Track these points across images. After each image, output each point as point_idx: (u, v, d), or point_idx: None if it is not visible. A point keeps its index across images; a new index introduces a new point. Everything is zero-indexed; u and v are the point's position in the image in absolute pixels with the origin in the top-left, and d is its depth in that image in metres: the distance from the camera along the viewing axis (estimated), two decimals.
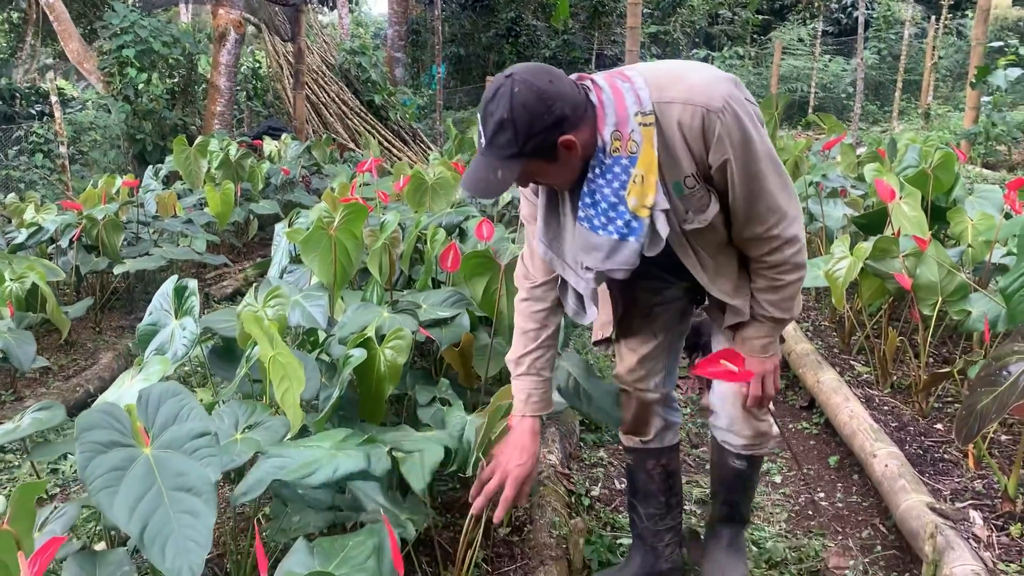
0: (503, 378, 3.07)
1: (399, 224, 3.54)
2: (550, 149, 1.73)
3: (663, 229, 1.81)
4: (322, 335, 2.90)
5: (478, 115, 1.75)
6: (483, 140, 1.72)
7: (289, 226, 3.66)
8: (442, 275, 3.41)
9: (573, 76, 1.83)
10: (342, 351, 2.52)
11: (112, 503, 1.55)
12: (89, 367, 4.48)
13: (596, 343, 2.35)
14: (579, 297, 2.03)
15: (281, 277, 3.53)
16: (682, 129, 1.75)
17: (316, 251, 3.08)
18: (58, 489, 3.29)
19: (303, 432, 2.23)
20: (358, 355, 2.28)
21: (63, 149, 8.63)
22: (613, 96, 1.77)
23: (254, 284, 5.37)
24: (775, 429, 2.25)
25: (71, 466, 3.47)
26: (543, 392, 2.13)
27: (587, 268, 1.92)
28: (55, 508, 1.91)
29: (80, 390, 4.07)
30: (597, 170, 1.80)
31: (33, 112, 11.55)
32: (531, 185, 1.97)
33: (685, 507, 2.76)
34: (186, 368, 4.03)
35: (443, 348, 2.67)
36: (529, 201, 2.05)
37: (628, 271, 1.89)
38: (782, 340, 2.09)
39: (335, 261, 3.07)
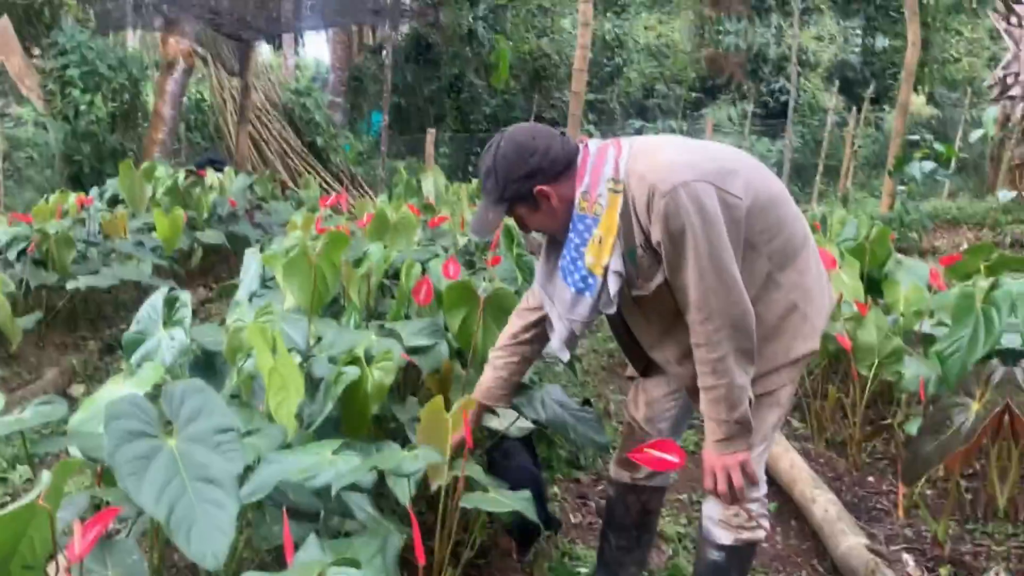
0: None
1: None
2: (528, 196, 1.98)
3: (613, 288, 1.96)
4: (298, 357, 2.97)
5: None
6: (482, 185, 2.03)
7: (261, 251, 3.73)
8: (408, 309, 3.52)
9: (592, 140, 2.06)
10: (328, 370, 2.60)
11: (140, 489, 1.62)
12: (33, 381, 4.42)
13: (629, 377, 2.48)
14: (558, 336, 2.18)
15: (251, 301, 3.58)
16: (635, 202, 1.90)
17: (296, 276, 3.17)
18: (8, 498, 3.25)
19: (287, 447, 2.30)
20: (351, 373, 2.38)
21: None
22: (595, 160, 1.96)
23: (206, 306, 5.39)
24: (759, 532, 2.15)
25: (20, 476, 3.43)
26: (492, 387, 2.35)
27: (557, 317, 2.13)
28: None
29: (24, 403, 4.00)
30: (571, 224, 2.00)
31: None
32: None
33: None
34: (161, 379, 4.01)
35: (425, 374, 2.78)
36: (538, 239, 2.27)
37: (584, 325, 2.10)
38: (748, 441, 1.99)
39: (314, 286, 3.16)
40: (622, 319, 2.19)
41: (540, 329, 2.28)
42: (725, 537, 2.15)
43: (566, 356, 2.23)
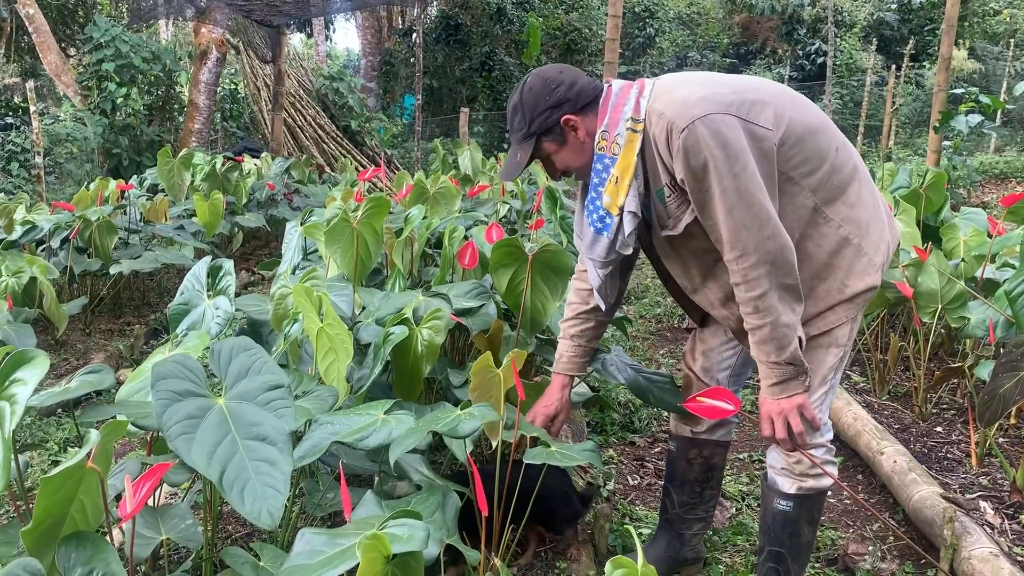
0: (527, 367, 3.12)
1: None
2: (555, 128, 1.94)
3: (628, 228, 1.93)
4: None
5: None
6: (509, 130, 1.97)
7: (302, 223, 3.69)
8: (452, 276, 3.46)
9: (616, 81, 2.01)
10: (375, 333, 2.55)
11: (190, 449, 1.57)
12: (80, 367, 4.43)
13: (686, 329, 2.44)
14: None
15: (293, 273, 3.54)
16: (655, 140, 1.85)
17: (339, 243, 3.11)
18: None
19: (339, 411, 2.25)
20: (399, 332, 2.31)
21: (39, 159, 8.53)
22: (616, 100, 1.92)
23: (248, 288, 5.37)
24: (824, 480, 2.06)
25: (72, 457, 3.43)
26: (573, 356, 2.30)
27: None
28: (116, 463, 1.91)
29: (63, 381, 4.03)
30: (591, 164, 1.99)
31: (3, 123, 11.41)
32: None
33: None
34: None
35: (474, 334, 2.71)
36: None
37: (603, 263, 2.07)
38: (804, 383, 1.90)
39: (356, 253, 3.11)
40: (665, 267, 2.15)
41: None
42: (790, 486, 2.08)
43: (601, 303, 2.22)
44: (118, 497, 1.88)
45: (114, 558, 1.46)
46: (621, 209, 1.92)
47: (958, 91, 12.61)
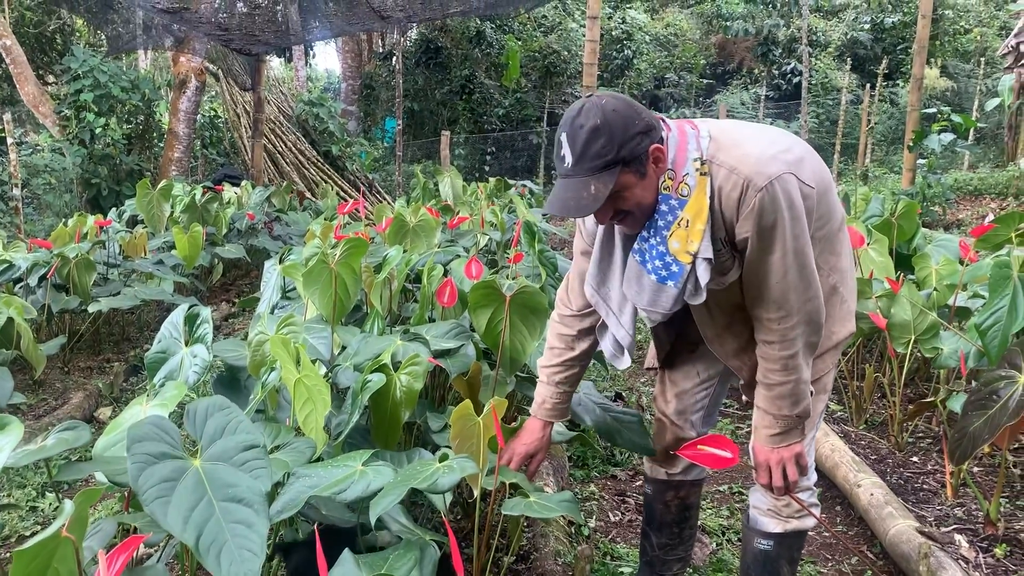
0: (507, 408, 3.13)
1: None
2: (642, 158, 1.72)
3: (703, 278, 1.79)
4: (322, 368, 2.93)
5: (560, 137, 1.73)
6: (570, 158, 1.70)
7: (280, 262, 3.69)
8: (432, 313, 3.47)
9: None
10: (352, 378, 2.56)
11: (166, 512, 1.57)
12: (60, 406, 4.40)
13: (648, 369, 2.40)
14: (618, 343, 2.08)
15: (272, 312, 3.55)
16: (720, 195, 1.75)
17: (317, 284, 3.12)
18: (39, 527, 3.23)
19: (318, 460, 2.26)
20: (376, 380, 2.32)
21: (17, 191, 8.49)
22: (678, 137, 1.79)
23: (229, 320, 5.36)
24: (808, 521, 2.10)
25: (50, 503, 3.41)
26: (556, 403, 2.22)
27: (627, 300, 1.97)
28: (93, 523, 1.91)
29: (51, 429, 3.99)
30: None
31: None
32: (588, 225, 2.05)
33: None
34: (186, 398, 4.00)
35: (452, 377, 2.73)
36: (584, 238, 2.10)
37: (665, 316, 1.90)
38: (803, 432, 1.95)
39: (335, 294, 3.12)
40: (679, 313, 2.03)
41: (584, 344, 2.20)
42: (774, 526, 2.10)
43: (625, 364, 2.10)
44: (94, 560, 1.88)
45: None
46: (694, 256, 1.78)
47: (931, 110, 12.79)
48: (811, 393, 1.92)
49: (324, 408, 2.19)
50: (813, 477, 2.10)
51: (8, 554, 2.40)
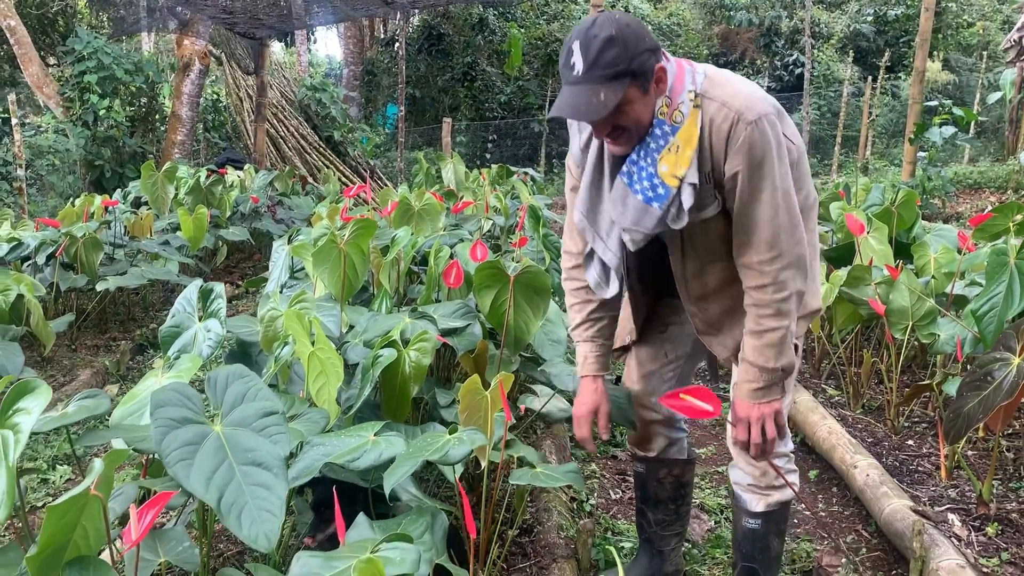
0: (513, 386, 3.19)
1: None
2: (648, 75, 1.77)
3: (687, 202, 1.83)
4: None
5: (572, 46, 1.75)
6: (581, 65, 1.73)
7: (289, 242, 3.75)
8: (438, 294, 3.53)
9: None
10: (363, 355, 2.62)
11: (189, 474, 1.63)
12: (68, 383, 4.46)
13: (615, 350, 2.38)
14: (604, 268, 2.09)
15: (281, 292, 3.60)
16: (711, 127, 1.80)
17: (326, 264, 3.17)
18: (50, 498, 3.29)
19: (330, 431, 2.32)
20: (388, 355, 2.38)
21: (21, 172, 8.54)
22: (676, 68, 1.84)
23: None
24: (788, 492, 2.14)
25: (60, 475, 3.47)
26: (597, 355, 2.20)
27: (614, 224, 1.98)
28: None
29: (61, 404, 4.06)
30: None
31: None
32: (578, 154, 2.06)
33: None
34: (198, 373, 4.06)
35: (460, 354, 2.79)
36: (573, 174, 2.12)
37: (646, 237, 1.93)
38: (783, 389, 1.99)
39: (343, 274, 3.17)
40: (654, 253, 2.06)
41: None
42: (757, 503, 2.15)
43: (611, 291, 2.11)
44: (117, 521, 1.94)
45: None
46: (680, 180, 1.82)
47: (932, 103, 12.83)
48: (797, 347, 1.95)
49: (337, 380, 2.26)
50: (789, 444, 2.15)
51: (19, 525, 2.46)
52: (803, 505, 3.14)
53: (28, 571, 1.50)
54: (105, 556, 1.96)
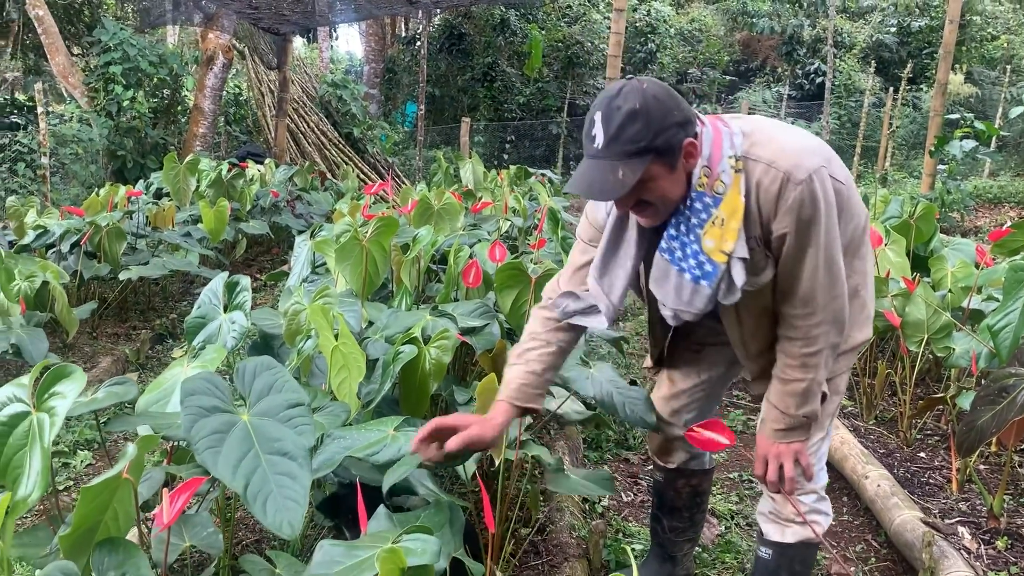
0: None
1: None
2: (675, 151, 1.68)
3: (739, 278, 1.74)
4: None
5: (595, 116, 1.67)
6: (601, 139, 1.65)
7: (312, 237, 3.80)
8: (457, 293, 3.57)
9: None
10: (384, 350, 2.66)
11: (216, 462, 1.68)
12: (89, 370, 4.52)
13: (648, 368, 2.40)
14: (597, 316, 2.00)
15: (303, 286, 3.65)
16: (758, 190, 1.71)
17: (349, 260, 3.22)
18: (71, 483, 3.35)
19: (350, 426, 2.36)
20: (408, 351, 2.42)
21: (45, 160, 8.64)
22: (712, 133, 1.74)
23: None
24: (809, 531, 2.03)
25: (81, 460, 3.53)
26: (525, 384, 2.02)
27: (662, 304, 1.91)
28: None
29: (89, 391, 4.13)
30: (687, 202, 1.76)
31: (7, 123, 11.51)
32: (599, 214, 1.99)
33: None
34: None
35: (479, 353, 2.82)
36: (590, 223, 2.05)
37: (696, 316, 1.86)
38: (807, 431, 1.94)
39: (365, 270, 3.22)
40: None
41: (567, 334, 2.08)
42: (773, 532, 2.08)
43: (603, 324, 2.00)
44: (145, 504, 1.99)
45: (144, 563, 1.56)
46: (729, 255, 1.72)
47: (954, 116, 12.77)
48: (824, 395, 1.91)
49: (359, 375, 2.30)
50: (822, 481, 2.07)
51: (43, 504, 2.51)
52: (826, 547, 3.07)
53: (60, 549, 1.55)
54: (133, 537, 2.01)
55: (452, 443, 1.89)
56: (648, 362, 2.34)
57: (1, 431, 1.70)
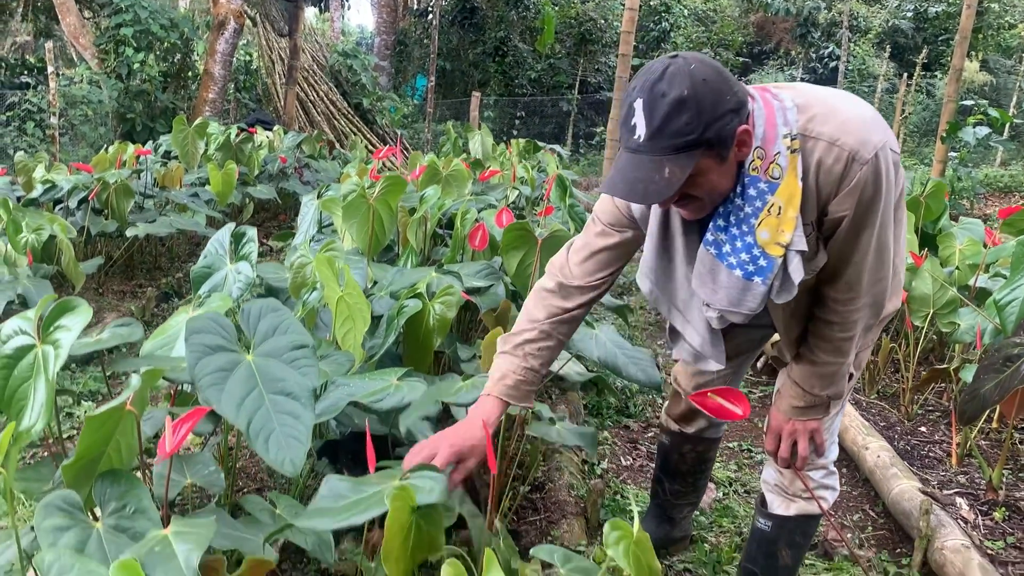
0: None
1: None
2: (728, 141, 1.47)
3: (796, 274, 1.56)
4: None
5: (634, 102, 1.46)
6: (643, 131, 1.44)
7: (319, 197, 3.80)
8: (462, 256, 3.57)
9: None
10: (387, 306, 2.67)
11: (220, 399, 1.68)
12: (94, 325, 4.54)
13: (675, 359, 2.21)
14: (694, 351, 1.85)
15: (309, 246, 3.65)
16: (818, 171, 1.53)
17: (355, 218, 3.23)
18: (75, 431, 3.37)
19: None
20: (413, 305, 2.43)
21: (55, 120, 8.64)
22: (765, 110, 1.53)
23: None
24: (814, 506, 1.97)
25: (85, 410, 3.55)
26: (520, 379, 1.84)
27: (706, 305, 1.71)
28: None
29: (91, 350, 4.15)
30: (738, 188, 1.56)
31: (17, 83, 11.50)
32: (639, 212, 1.79)
33: None
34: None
35: (483, 312, 2.83)
36: (615, 205, 1.83)
37: (746, 318, 1.65)
38: (827, 410, 1.84)
39: (371, 229, 3.22)
40: None
41: (574, 323, 1.91)
42: (776, 505, 2.02)
43: (715, 363, 1.84)
44: (148, 442, 2.00)
45: (146, 495, 1.57)
46: (786, 247, 1.54)
47: (968, 103, 12.68)
48: (852, 376, 1.83)
49: (364, 325, 2.30)
50: (833, 454, 1.99)
51: (46, 454, 2.53)
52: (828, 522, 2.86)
53: (63, 479, 1.56)
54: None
55: (455, 478, 1.70)
56: (677, 353, 2.03)
57: (6, 363, 1.71)
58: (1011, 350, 2.35)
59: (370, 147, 12.65)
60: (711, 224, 1.62)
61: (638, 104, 1.44)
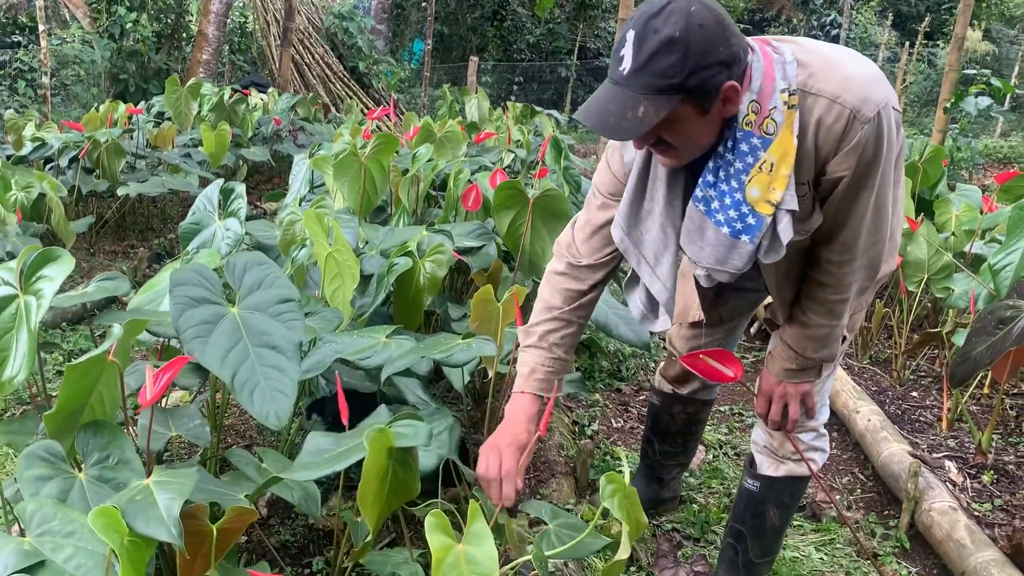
0: (525, 306, 3.23)
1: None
2: (711, 94, 1.42)
3: (785, 234, 1.51)
4: None
5: (628, 33, 1.40)
6: (629, 64, 1.39)
7: (310, 156, 3.76)
8: (455, 217, 3.54)
9: None
10: (377, 265, 2.65)
11: (204, 351, 1.67)
12: (85, 285, 4.52)
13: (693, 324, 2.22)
14: (650, 300, 1.81)
15: (300, 205, 3.62)
16: (818, 129, 1.48)
17: (347, 176, 3.19)
18: None
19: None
20: (403, 263, 2.41)
21: (46, 79, 8.53)
22: (763, 62, 1.48)
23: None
24: (803, 468, 1.97)
25: None
26: (550, 371, 1.83)
27: (694, 262, 1.67)
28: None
29: (76, 304, 4.12)
30: (729, 143, 1.51)
31: (8, 42, 11.36)
32: (624, 158, 1.75)
33: None
34: None
35: (473, 272, 2.81)
36: (612, 173, 1.80)
37: (733, 276, 1.61)
38: (819, 372, 1.83)
39: (363, 187, 3.19)
40: None
41: (591, 302, 1.88)
42: (766, 466, 2.01)
43: (661, 326, 1.82)
44: (131, 396, 1.99)
45: (129, 445, 1.56)
46: (776, 206, 1.49)
47: (970, 72, 12.58)
48: (845, 338, 1.82)
49: (353, 282, 2.28)
50: (823, 416, 1.97)
51: (33, 407, 2.52)
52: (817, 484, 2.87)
53: (46, 429, 1.55)
54: None
55: (509, 492, 1.68)
56: (681, 318, 2.16)
57: None
58: (1004, 312, 2.34)
59: (366, 111, 12.54)
60: (701, 179, 1.58)
61: (630, 36, 1.40)
